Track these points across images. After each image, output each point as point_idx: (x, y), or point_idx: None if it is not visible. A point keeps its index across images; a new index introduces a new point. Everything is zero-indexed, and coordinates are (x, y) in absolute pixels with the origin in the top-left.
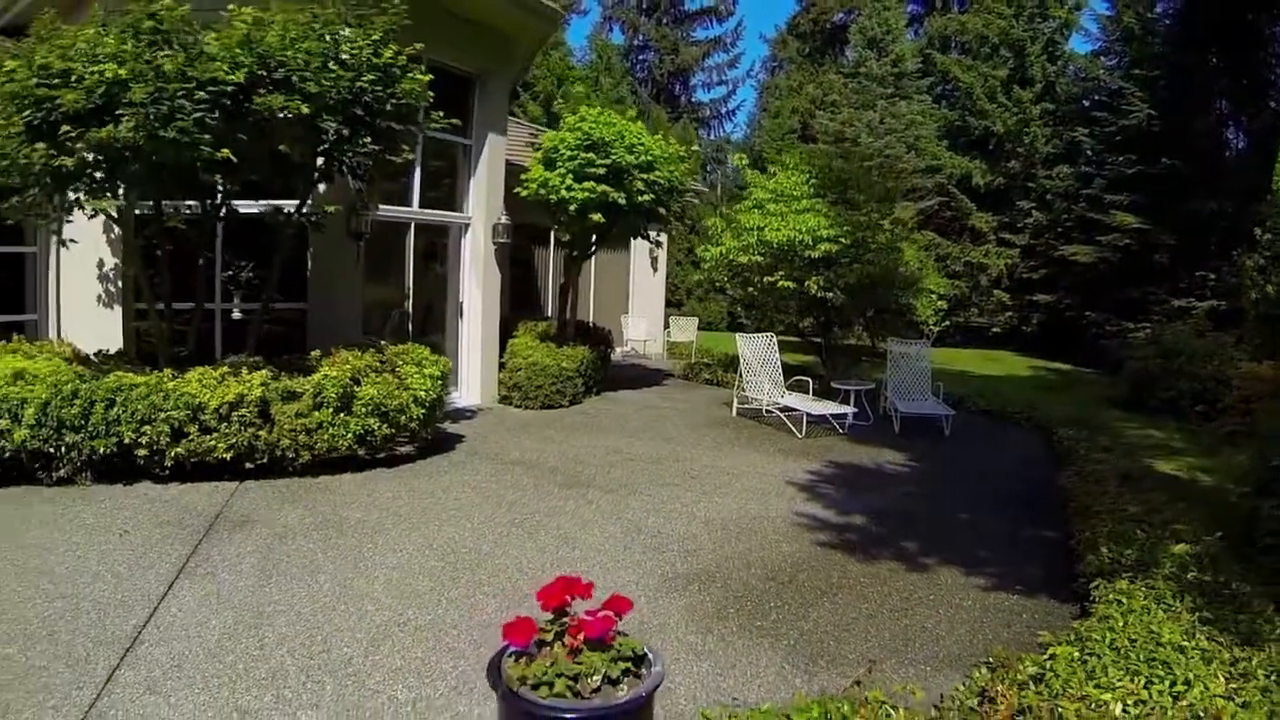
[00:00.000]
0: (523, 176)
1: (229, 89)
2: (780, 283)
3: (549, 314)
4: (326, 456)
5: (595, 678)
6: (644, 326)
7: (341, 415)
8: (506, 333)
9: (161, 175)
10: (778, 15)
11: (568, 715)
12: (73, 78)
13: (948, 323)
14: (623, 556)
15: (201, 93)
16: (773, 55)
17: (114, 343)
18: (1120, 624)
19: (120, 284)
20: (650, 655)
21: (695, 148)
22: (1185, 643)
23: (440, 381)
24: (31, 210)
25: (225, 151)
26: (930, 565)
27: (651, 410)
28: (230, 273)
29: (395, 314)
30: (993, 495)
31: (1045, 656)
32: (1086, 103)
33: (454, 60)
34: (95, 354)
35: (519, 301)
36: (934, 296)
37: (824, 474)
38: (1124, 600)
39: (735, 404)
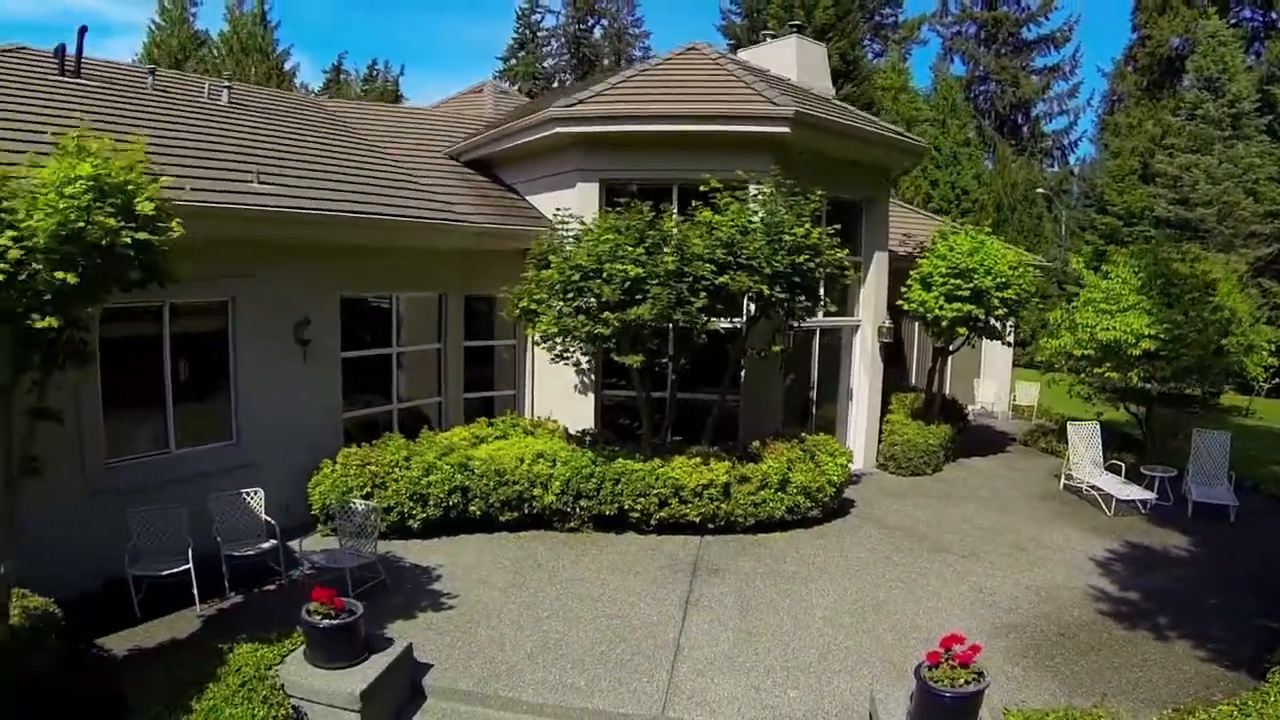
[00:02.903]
0: (904, 292)
1: (711, 278)
2: (1107, 374)
3: (912, 379)
4: (764, 520)
5: (961, 681)
6: (993, 389)
7: (778, 493)
8: (882, 401)
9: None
10: (1113, 41)
11: (947, 694)
12: (603, 274)
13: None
14: (968, 609)
15: (697, 285)
16: (1111, 89)
17: (586, 421)
18: (1274, 698)
19: (593, 378)
20: (984, 673)
21: (1040, 261)
22: None
23: (846, 468)
24: (555, 350)
25: (712, 323)
26: (1171, 637)
27: (995, 480)
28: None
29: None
30: (1246, 583)
31: (1212, 709)
32: None
33: (847, 193)
34: (579, 432)
35: (887, 362)
36: (1265, 352)
37: (1118, 553)
38: None
39: (1062, 478)
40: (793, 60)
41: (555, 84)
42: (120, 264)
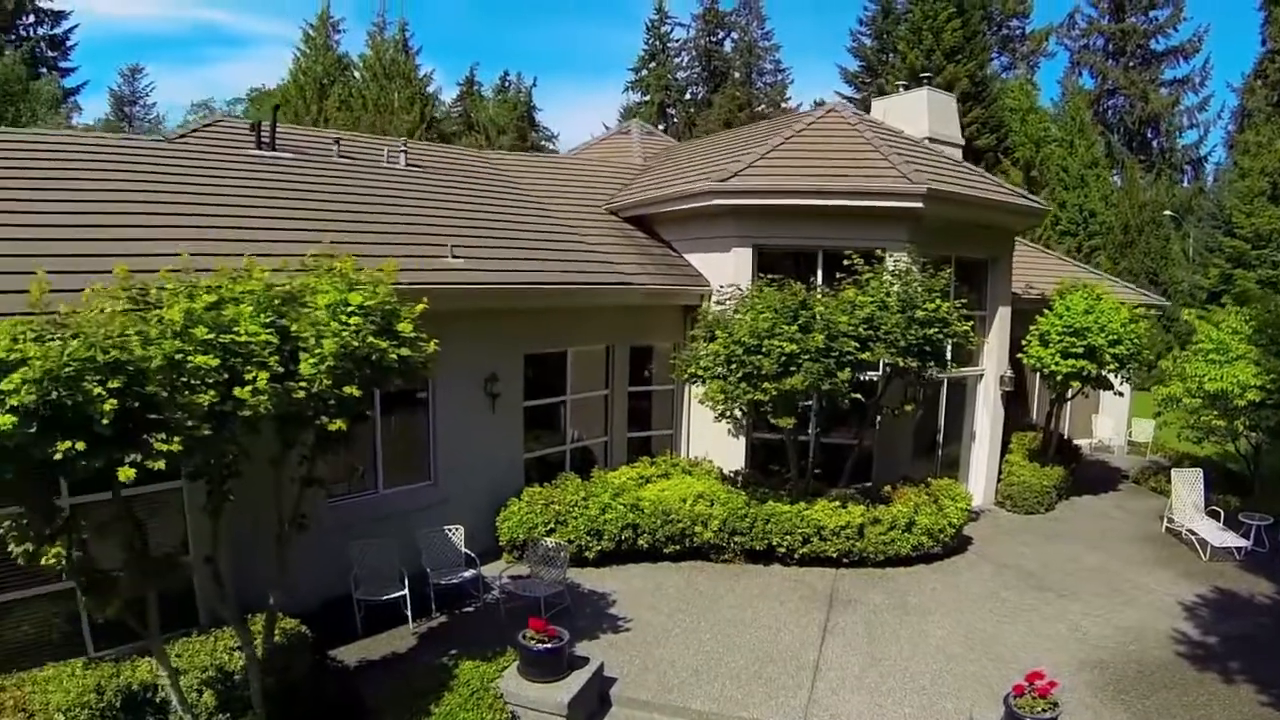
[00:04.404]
0: (1024, 346)
1: (855, 353)
2: (1215, 421)
3: (1033, 415)
4: (892, 557)
5: (1039, 710)
6: (1110, 425)
7: (905, 534)
8: (1002, 440)
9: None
10: (1243, 52)
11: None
12: (762, 349)
13: None
14: (1062, 644)
15: (843, 360)
16: (1241, 105)
17: (737, 461)
18: None
19: (745, 424)
20: (1059, 704)
21: (1154, 299)
22: None
23: (965, 511)
24: (718, 410)
25: (853, 395)
26: (1239, 681)
27: (1102, 520)
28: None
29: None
30: None
31: None
32: None
33: (973, 253)
34: (733, 473)
35: (1010, 399)
36: None
37: (1206, 598)
38: None
39: (1164, 521)
40: (924, 111)
41: (688, 95)
42: (387, 374)
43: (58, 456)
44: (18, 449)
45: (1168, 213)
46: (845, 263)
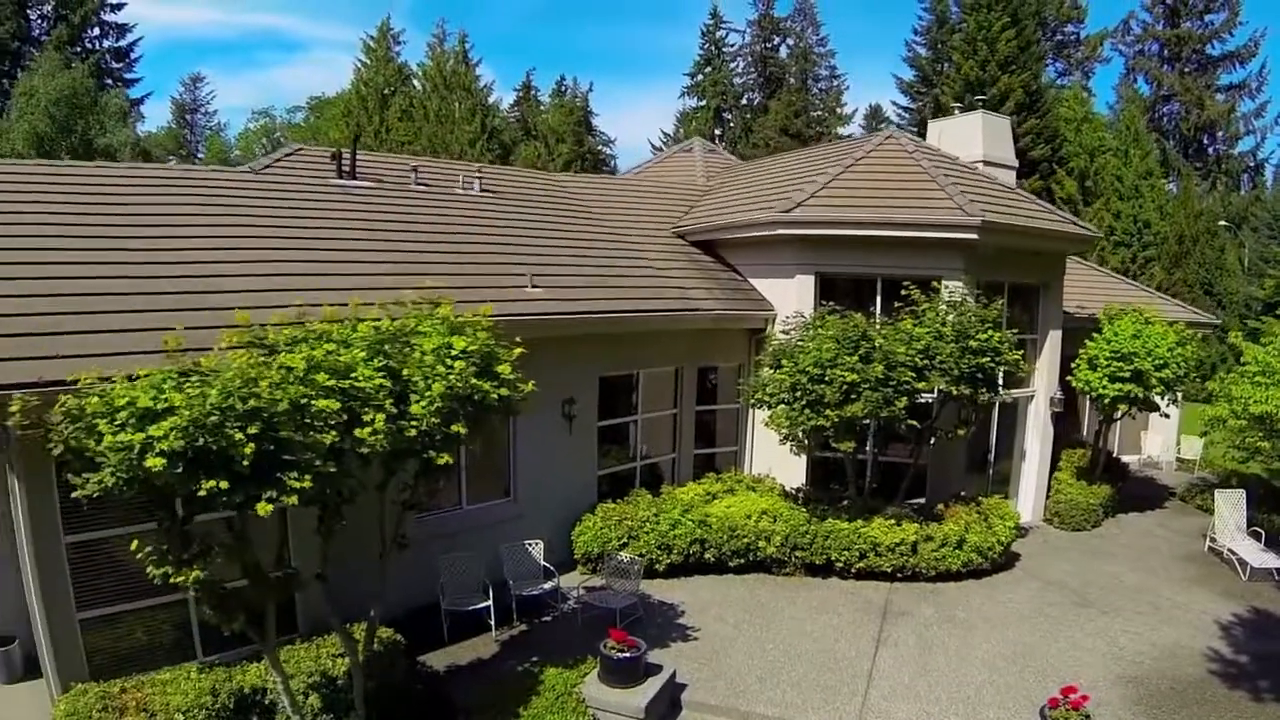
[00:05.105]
0: (1073, 369)
1: (912, 382)
2: (1260, 443)
3: (1084, 431)
4: (943, 572)
5: None
6: (1159, 442)
7: (955, 550)
8: (1052, 457)
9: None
10: None
11: None
12: (825, 378)
13: None
14: (1100, 660)
15: (900, 389)
16: None
17: (798, 477)
18: None
19: (806, 443)
20: (1092, 716)
21: (1204, 317)
22: None
23: (1013, 530)
24: (783, 433)
25: (910, 421)
26: (1267, 700)
27: (1146, 538)
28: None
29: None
30: None
31: None
32: None
33: (1026, 279)
34: (794, 489)
35: (1061, 416)
36: None
37: (1241, 618)
38: None
39: (1207, 540)
40: (979, 133)
41: (744, 101)
42: (488, 412)
43: (202, 493)
44: (165, 486)
45: (1223, 222)
46: (903, 292)
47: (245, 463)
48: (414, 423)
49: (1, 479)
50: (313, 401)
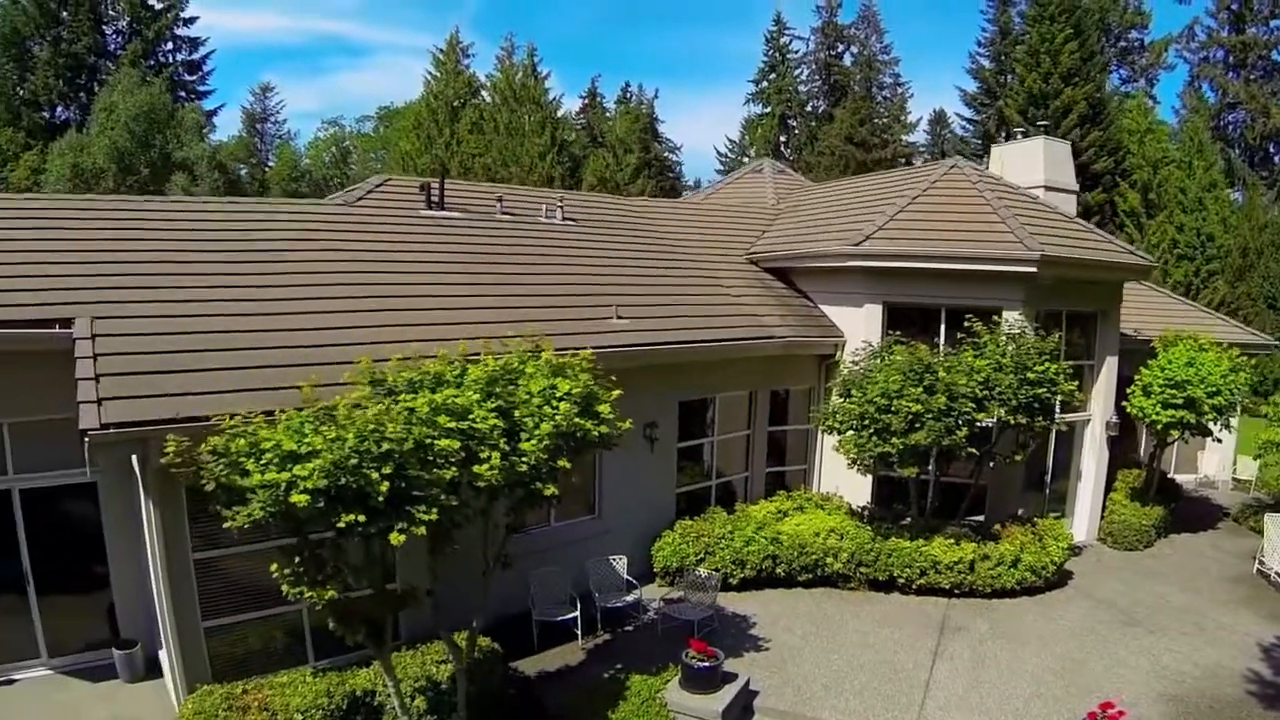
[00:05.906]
0: (1129, 395)
1: (972, 413)
2: None
3: (1141, 451)
4: (998, 589)
5: None
6: (1215, 461)
7: (1011, 569)
8: (1108, 477)
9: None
10: None
11: None
12: (891, 408)
13: None
14: (1143, 678)
15: (961, 419)
16: None
17: (864, 495)
18: None
19: (872, 464)
20: None
21: (1264, 338)
22: None
23: (1067, 550)
24: (850, 458)
25: (970, 449)
26: None
27: (1197, 558)
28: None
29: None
30: None
31: None
32: None
33: (1084, 307)
34: (860, 508)
35: (1118, 437)
36: None
37: None
38: None
39: (1256, 563)
40: (1040, 159)
41: (808, 108)
42: (589, 447)
43: (340, 525)
44: (307, 519)
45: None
46: (965, 324)
47: (381, 499)
48: (524, 459)
49: (130, 500)
50: (435, 441)
